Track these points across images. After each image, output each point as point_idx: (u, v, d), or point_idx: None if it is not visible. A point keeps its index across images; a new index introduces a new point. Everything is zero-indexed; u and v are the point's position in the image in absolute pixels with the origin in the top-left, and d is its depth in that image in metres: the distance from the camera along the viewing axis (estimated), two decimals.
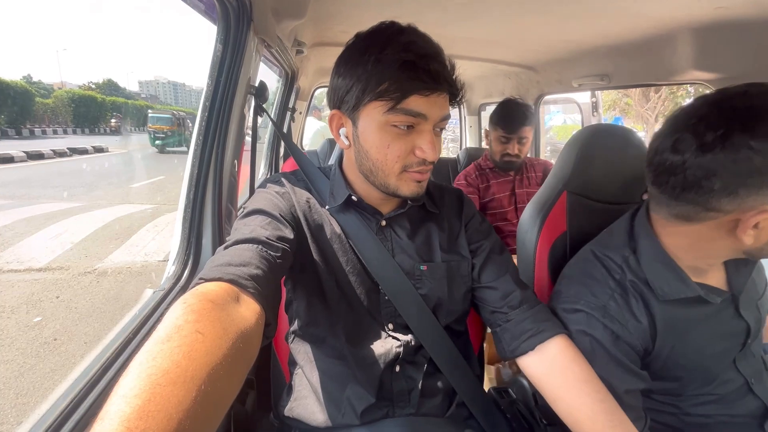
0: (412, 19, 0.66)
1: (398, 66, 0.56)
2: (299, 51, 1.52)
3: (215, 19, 0.82)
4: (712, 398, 0.73)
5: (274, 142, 2.06)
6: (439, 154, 0.65)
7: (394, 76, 0.57)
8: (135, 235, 4.41)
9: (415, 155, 0.62)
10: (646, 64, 1.32)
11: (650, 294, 0.70)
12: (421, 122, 0.60)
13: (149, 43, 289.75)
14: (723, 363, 0.73)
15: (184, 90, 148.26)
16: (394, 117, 0.59)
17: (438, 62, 0.58)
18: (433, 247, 0.73)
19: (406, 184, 0.64)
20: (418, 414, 0.70)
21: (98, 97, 15.42)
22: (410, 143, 0.61)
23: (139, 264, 3.66)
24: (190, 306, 0.40)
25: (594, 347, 0.69)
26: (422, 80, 0.57)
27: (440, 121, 0.62)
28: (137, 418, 0.29)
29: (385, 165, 0.62)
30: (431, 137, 0.60)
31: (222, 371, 0.36)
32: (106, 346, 0.62)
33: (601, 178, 1.01)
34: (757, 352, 0.78)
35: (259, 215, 0.62)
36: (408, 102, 0.58)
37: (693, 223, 0.64)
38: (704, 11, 0.93)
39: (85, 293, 3.14)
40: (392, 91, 0.57)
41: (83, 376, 0.56)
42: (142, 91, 69.02)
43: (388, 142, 0.61)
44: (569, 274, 0.82)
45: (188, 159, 0.86)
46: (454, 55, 1.91)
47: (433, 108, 0.59)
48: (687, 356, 0.70)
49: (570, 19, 1.15)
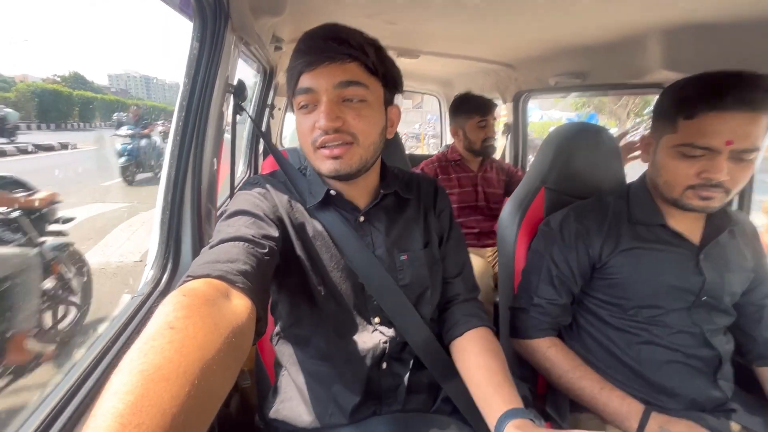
0: (390, 16, 0.67)
1: (292, 57, 0.65)
2: (278, 47, 1.50)
3: (191, 15, 0.80)
4: (668, 341, 0.82)
5: (253, 141, 2.02)
6: (365, 125, 0.64)
7: (290, 67, 0.65)
8: (109, 235, 4.24)
9: (316, 129, 0.63)
10: (618, 64, 1.36)
11: (625, 218, 0.87)
12: (315, 97, 0.63)
13: (119, 35, 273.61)
14: (673, 306, 0.82)
15: (157, 84, 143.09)
16: (297, 100, 0.65)
17: (317, 39, 0.62)
18: (412, 236, 0.74)
19: (322, 162, 0.65)
20: (404, 410, 0.71)
21: (64, 90, 14.68)
22: (312, 119, 0.64)
23: (114, 265, 3.53)
24: (179, 302, 0.40)
25: (536, 261, 0.92)
26: (302, 59, 0.62)
27: (339, 89, 0.62)
28: (131, 413, 0.29)
29: (305, 147, 0.67)
30: (325, 106, 0.62)
31: (215, 365, 0.36)
32: (84, 355, 0.60)
33: (576, 174, 1.05)
34: (724, 313, 0.85)
35: (242, 216, 0.61)
36: (299, 83, 0.64)
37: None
38: (675, 14, 0.97)
39: None
40: (291, 79, 0.65)
41: (63, 384, 0.54)
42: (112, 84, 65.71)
43: (300, 124, 0.66)
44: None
45: (165, 159, 0.84)
46: (433, 52, 1.93)
47: (319, 79, 0.62)
48: (639, 278, 0.83)
49: (547, 18, 1.17)
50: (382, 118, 0.68)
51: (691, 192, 0.75)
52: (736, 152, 0.70)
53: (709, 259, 0.83)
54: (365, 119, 0.64)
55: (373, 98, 0.65)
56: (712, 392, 0.82)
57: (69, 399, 0.53)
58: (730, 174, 0.70)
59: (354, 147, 0.64)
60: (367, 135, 0.65)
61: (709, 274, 0.81)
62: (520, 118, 2.25)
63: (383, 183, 0.75)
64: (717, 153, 0.70)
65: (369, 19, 1.28)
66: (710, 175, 0.71)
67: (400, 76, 0.71)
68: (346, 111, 0.62)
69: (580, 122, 1.18)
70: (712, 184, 0.72)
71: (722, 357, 0.83)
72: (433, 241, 0.77)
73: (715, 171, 0.70)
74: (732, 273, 0.84)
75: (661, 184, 0.81)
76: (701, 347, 0.82)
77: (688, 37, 1.06)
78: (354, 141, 0.63)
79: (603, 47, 1.33)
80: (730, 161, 0.70)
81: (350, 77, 0.62)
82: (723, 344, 0.84)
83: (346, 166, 0.64)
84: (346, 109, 0.62)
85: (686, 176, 0.74)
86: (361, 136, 0.64)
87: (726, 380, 0.84)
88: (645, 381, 0.83)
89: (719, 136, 0.69)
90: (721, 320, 0.85)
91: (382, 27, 1.35)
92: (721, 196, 0.73)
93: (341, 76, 0.61)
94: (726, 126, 0.69)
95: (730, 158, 0.70)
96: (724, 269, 0.83)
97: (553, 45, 1.47)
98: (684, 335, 0.82)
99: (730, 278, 0.83)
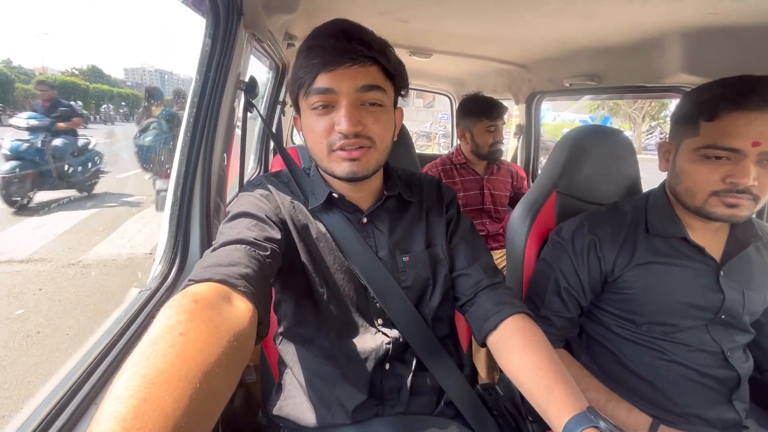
0: (403, 14, 0.66)
1: (305, 53, 0.61)
2: (290, 44, 1.50)
3: (204, 12, 0.80)
4: (684, 359, 0.78)
5: (263, 137, 2.03)
6: (382, 130, 0.64)
7: (303, 64, 0.61)
8: (121, 227, 4.33)
9: (335, 132, 0.61)
10: (635, 66, 1.33)
11: (642, 229, 0.82)
12: (334, 98, 0.61)
13: (136, 30, 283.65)
14: (687, 323, 0.78)
15: (172, 78, 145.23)
16: (310, 100, 0.62)
17: (337, 39, 0.60)
18: (415, 237, 0.74)
19: (338, 165, 0.63)
20: (407, 413, 0.71)
21: (82, 83, 14.93)
22: (329, 121, 0.62)
23: (125, 257, 3.60)
24: (181, 306, 0.40)
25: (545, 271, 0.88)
26: (321, 57, 0.60)
27: (360, 93, 0.61)
28: (133, 417, 0.29)
29: (316, 148, 0.64)
30: (346, 110, 0.60)
31: (217, 369, 0.36)
32: (91, 347, 0.61)
33: (589, 178, 1.03)
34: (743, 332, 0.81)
35: (244, 218, 0.61)
36: (316, 82, 0.61)
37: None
38: (695, 17, 0.94)
39: (69, 285, 3.08)
40: (304, 77, 0.61)
41: (69, 377, 0.55)
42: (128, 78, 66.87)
43: (312, 125, 0.63)
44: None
45: (176, 155, 0.85)
46: (446, 51, 1.91)
47: (341, 81, 0.60)
48: (653, 295, 0.77)
49: (563, 18, 1.15)
50: (393, 122, 0.68)
51: (715, 199, 0.69)
52: (765, 155, 0.64)
53: (730, 276, 0.77)
54: (382, 124, 0.64)
55: (389, 102, 0.65)
56: (726, 414, 0.77)
57: (75, 391, 0.53)
58: (758, 179, 0.65)
59: (371, 151, 0.63)
60: (383, 139, 0.65)
61: (729, 292, 0.76)
62: (532, 119, 2.22)
63: (386, 185, 0.74)
64: (743, 156, 0.65)
65: (381, 16, 1.27)
66: (736, 179, 0.66)
67: (408, 78, 0.71)
68: (365, 115, 0.62)
69: (593, 125, 1.16)
70: (739, 190, 0.66)
71: (741, 378, 0.78)
72: (437, 242, 0.75)
73: (741, 175, 0.65)
74: (754, 291, 0.78)
75: (683, 192, 0.75)
76: (719, 367, 0.77)
77: (709, 40, 1.02)
78: (372, 145, 0.63)
79: (619, 49, 1.30)
80: (757, 165, 0.65)
81: (371, 81, 0.61)
82: (742, 363, 0.79)
83: (364, 170, 0.63)
84: (365, 113, 0.62)
85: (709, 181, 0.69)
86: (378, 140, 0.64)
87: (742, 401, 0.79)
88: (655, 396, 0.80)
89: (745, 137, 0.64)
90: (740, 338, 0.81)
91: (394, 25, 1.35)
92: (749, 204, 0.68)
93: (363, 80, 0.61)
94: (752, 126, 0.64)
95: (758, 162, 0.65)
96: (746, 287, 0.78)
97: (568, 46, 1.44)
98: (702, 354, 0.78)
99: (751, 296, 0.78)
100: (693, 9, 0.90)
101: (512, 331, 0.65)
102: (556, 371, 0.58)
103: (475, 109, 1.73)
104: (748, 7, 0.84)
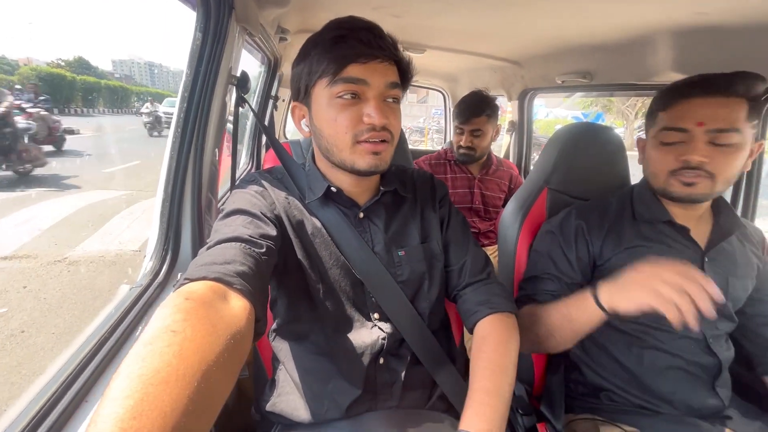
0: (397, 9, 0.67)
1: (332, 42, 0.61)
2: (283, 38, 1.48)
3: (194, 5, 0.78)
4: (670, 347, 0.82)
5: (255, 132, 2.01)
6: (399, 126, 0.67)
7: (330, 52, 0.61)
8: (108, 223, 4.24)
9: (363, 123, 0.62)
10: (626, 64, 1.34)
11: (629, 216, 0.87)
12: (364, 89, 0.62)
13: (125, 21, 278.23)
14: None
15: (161, 70, 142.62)
16: (337, 88, 0.61)
17: (371, 33, 0.61)
18: (410, 232, 0.74)
19: (362, 157, 0.63)
20: (400, 406, 0.72)
21: (68, 75, 14.59)
22: (357, 112, 0.62)
23: (113, 253, 3.53)
24: (176, 306, 0.40)
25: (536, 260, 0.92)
26: (355, 48, 0.60)
27: (387, 89, 0.63)
28: (131, 417, 0.29)
29: (337, 138, 0.64)
30: (376, 102, 0.61)
31: (214, 367, 0.36)
32: (81, 346, 0.60)
33: (580, 175, 1.04)
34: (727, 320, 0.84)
35: (239, 215, 0.61)
36: (346, 71, 0.60)
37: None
38: (685, 16, 0.95)
39: (55, 283, 3.01)
40: (331, 65, 0.61)
41: (58, 376, 0.54)
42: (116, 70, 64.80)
43: (335, 115, 0.63)
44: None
45: (166, 150, 0.83)
46: (439, 47, 1.91)
47: (374, 74, 0.61)
48: None
49: (556, 15, 1.16)
50: None
51: (673, 178, 0.78)
52: (711, 133, 0.72)
53: (715, 262, 0.82)
54: (398, 120, 0.67)
55: (400, 99, 0.68)
56: (709, 400, 0.81)
57: (66, 388, 0.53)
58: (710, 157, 0.73)
59: (389, 146, 0.66)
60: (397, 135, 0.67)
61: (714, 277, 0.80)
62: (525, 116, 2.23)
63: (383, 180, 0.75)
64: (691, 135, 0.74)
65: (375, 11, 1.26)
66: (687, 157, 0.74)
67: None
68: (387, 111, 0.64)
69: (585, 122, 1.17)
70: (692, 167, 0.74)
71: (722, 364, 0.82)
72: (432, 237, 0.76)
73: (691, 152, 0.73)
74: (737, 278, 0.83)
75: (650, 176, 0.84)
76: (703, 354, 0.82)
77: (698, 39, 1.04)
78: (390, 141, 0.65)
79: (611, 47, 1.31)
80: (709, 145, 0.73)
81: (395, 79, 0.64)
82: (723, 351, 0.83)
83: (384, 163, 0.65)
84: (387, 108, 0.64)
85: (667, 162, 0.78)
86: (395, 135, 0.66)
87: (724, 387, 0.83)
88: (643, 386, 0.83)
89: (691, 119, 0.74)
90: (723, 326, 0.84)
91: (387, 20, 1.33)
92: (704, 182, 0.75)
93: (392, 77, 0.64)
94: (697, 110, 0.74)
95: (709, 142, 0.73)
96: (730, 274, 0.82)
97: (560, 43, 1.45)
98: (687, 341, 0.82)
99: (734, 283, 0.83)
100: (683, 8, 0.91)
101: (479, 335, 0.69)
102: (484, 390, 0.61)
103: (456, 109, 1.74)
104: (736, 7, 0.85)
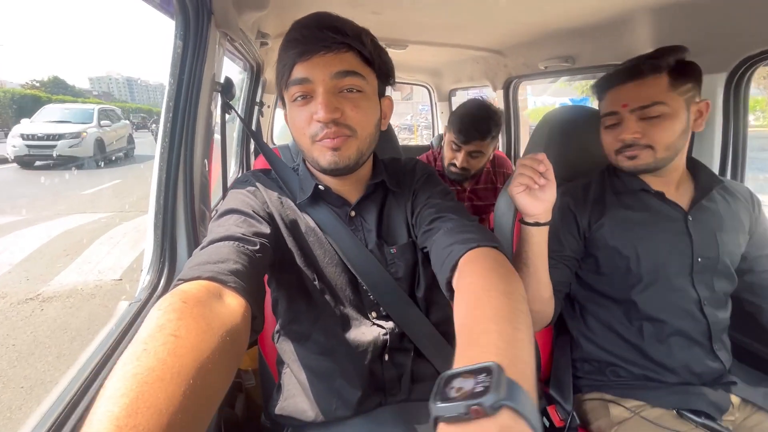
0: (375, 6, 0.66)
1: (283, 46, 0.62)
2: (264, 43, 1.47)
3: (172, 13, 0.77)
4: (666, 305, 0.85)
5: (243, 139, 1.99)
6: (363, 117, 0.62)
7: (281, 57, 0.62)
8: (87, 250, 3.80)
9: (314, 121, 0.61)
10: (607, 45, 1.36)
11: (609, 190, 0.93)
12: (312, 87, 0.61)
13: (100, 36, 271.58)
14: (672, 270, 0.85)
15: (140, 86, 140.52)
16: (290, 92, 0.62)
17: (310, 28, 0.60)
18: (399, 228, 0.73)
19: (321, 155, 0.63)
20: (410, 400, 0.72)
21: (43, 95, 14.33)
22: (308, 111, 0.62)
23: (92, 284, 3.16)
24: (170, 306, 0.40)
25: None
26: (296, 47, 0.60)
27: (337, 80, 0.60)
28: (126, 416, 0.29)
29: (300, 141, 0.65)
30: (323, 98, 0.60)
31: (210, 365, 0.36)
32: (82, 366, 0.59)
33: (568, 157, 1.05)
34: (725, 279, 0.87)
35: (232, 215, 0.61)
36: (293, 73, 0.61)
37: None
38: None
39: (26, 326, 2.63)
40: (283, 70, 0.62)
41: (62, 397, 0.53)
42: (94, 88, 63.46)
43: (294, 117, 0.63)
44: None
45: (155, 162, 0.82)
46: (421, 42, 1.91)
47: (315, 69, 0.60)
48: (633, 245, 0.86)
49: (534, 1, 1.17)
50: (377, 110, 0.67)
51: (619, 155, 0.87)
52: (636, 111, 0.82)
53: (698, 219, 0.86)
54: (362, 110, 0.63)
55: (369, 89, 0.64)
56: (710, 363, 0.83)
57: (71, 409, 0.52)
58: (642, 132, 0.82)
59: (352, 140, 0.63)
60: (364, 126, 0.64)
61: (697, 234, 0.85)
62: (511, 105, 2.24)
63: (372, 173, 0.74)
64: (621, 117, 0.84)
65: (353, 9, 1.26)
66: (621, 136, 0.84)
67: (392, 66, 0.70)
68: (343, 102, 0.61)
69: (572, 106, 1.18)
70: (628, 144, 0.84)
71: (720, 325, 0.85)
72: (420, 225, 0.70)
73: (623, 132, 0.84)
74: (725, 233, 0.86)
75: (607, 156, 0.92)
76: (698, 315, 0.84)
77: (676, 15, 1.05)
78: (352, 134, 0.62)
79: (591, 29, 1.33)
80: (640, 122, 0.82)
81: (347, 67, 0.61)
82: (721, 312, 0.86)
83: (345, 159, 0.63)
84: (343, 100, 0.61)
85: (610, 142, 0.88)
86: (358, 128, 0.63)
87: (723, 350, 0.85)
88: (645, 356, 0.85)
89: (616, 103, 0.85)
90: (721, 285, 0.86)
91: (366, 18, 1.33)
92: (645, 153, 0.83)
93: (338, 66, 0.60)
94: (620, 95, 0.84)
95: (639, 119, 0.82)
96: (717, 229, 0.86)
97: (541, 29, 1.46)
98: (683, 303, 0.84)
99: (723, 238, 0.86)
100: None
101: (458, 281, 0.54)
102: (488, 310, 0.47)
103: (454, 116, 1.45)
104: None
